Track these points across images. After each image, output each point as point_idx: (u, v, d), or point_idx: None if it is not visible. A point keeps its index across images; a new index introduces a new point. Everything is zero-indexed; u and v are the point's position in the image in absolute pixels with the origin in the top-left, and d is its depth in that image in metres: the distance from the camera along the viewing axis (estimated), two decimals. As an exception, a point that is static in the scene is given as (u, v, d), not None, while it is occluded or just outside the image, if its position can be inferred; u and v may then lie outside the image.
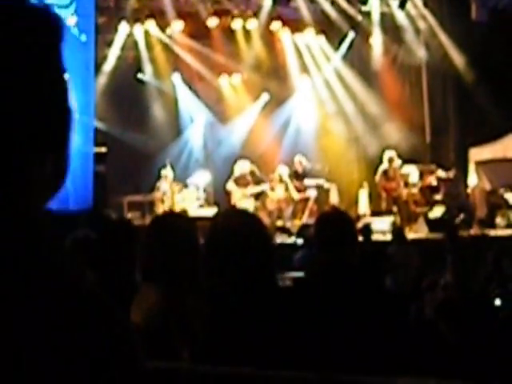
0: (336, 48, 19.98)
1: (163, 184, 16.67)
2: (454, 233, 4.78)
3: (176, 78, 19.77)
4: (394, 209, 16.65)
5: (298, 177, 17.16)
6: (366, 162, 19.33)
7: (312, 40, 19.87)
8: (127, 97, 18.52)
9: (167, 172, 16.83)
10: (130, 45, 18.51)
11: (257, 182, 16.84)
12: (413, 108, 19.69)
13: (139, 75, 19.14)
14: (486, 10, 18.11)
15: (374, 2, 19.12)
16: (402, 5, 19.05)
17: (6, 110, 1.13)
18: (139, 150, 18.12)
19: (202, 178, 17.39)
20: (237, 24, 18.91)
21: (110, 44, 18.03)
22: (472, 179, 17.57)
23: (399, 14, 19.48)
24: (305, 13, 18.99)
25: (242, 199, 16.01)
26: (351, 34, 19.69)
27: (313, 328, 3.34)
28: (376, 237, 13.68)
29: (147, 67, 19.10)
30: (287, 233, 15.42)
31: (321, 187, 17.50)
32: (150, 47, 18.88)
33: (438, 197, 17.10)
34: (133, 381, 1.17)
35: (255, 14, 18.81)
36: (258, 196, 16.77)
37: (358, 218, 16.07)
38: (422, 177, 17.35)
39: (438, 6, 19.37)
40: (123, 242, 3.93)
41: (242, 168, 16.68)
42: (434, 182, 17.31)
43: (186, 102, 19.98)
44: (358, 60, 20.27)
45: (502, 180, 16.95)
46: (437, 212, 16.42)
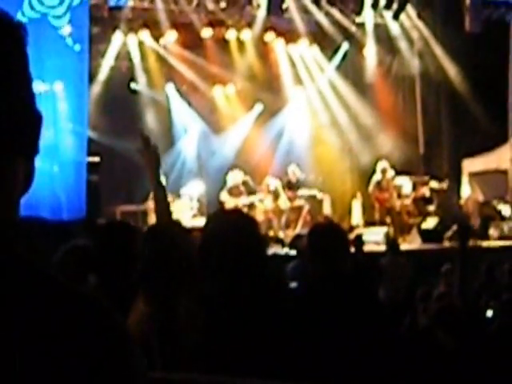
0: (330, 59, 19.99)
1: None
2: (466, 242, 4.77)
3: (169, 88, 19.76)
4: (388, 220, 16.65)
5: (292, 187, 17.16)
6: (359, 172, 19.33)
7: (306, 51, 19.89)
8: (121, 107, 18.48)
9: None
10: (123, 55, 18.49)
11: (250, 193, 16.84)
12: (406, 119, 19.74)
13: (133, 85, 19.11)
14: (479, 21, 18.17)
15: (367, 13, 19.16)
16: (396, 16, 19.11)
17: None
18: (132, 159, 18.06)
19: (195, 189, 17.36)
20: (231, 34, 18.91)
21: (103, 54, 18.00)
22: (465, 190, 17.61)
23: (393, 25, 19.54)
24: (299, 23, 19.01)
25: (235, 209, 15.99)
26: (345, 45, 19.72)
27: (305, 337, 3.33)
28: (369, 248, 13.68)
29: (141, 77, 19.07)
30: (280, 243, 15.41)
31: (314, 198, 17.49)
32: (143, 57, 18.86)
33: (431, 208, 17.12)
34: None
35: (249, 25, 18.81)
36: (251, 207, 16.76)
37: (351, 229, 16.07)
38: (415, 188, 17.36)
39: (431, 17, 19.43)
40: (124, 244, 3.90)
41: (235, 178, 16.68)
42: (427, 193, 17.32)
43: (180, 112, 19.95)
44: (351, 71, 20.31)
45: (495, 191, 17.00)
46: (430, 223, 16.43)
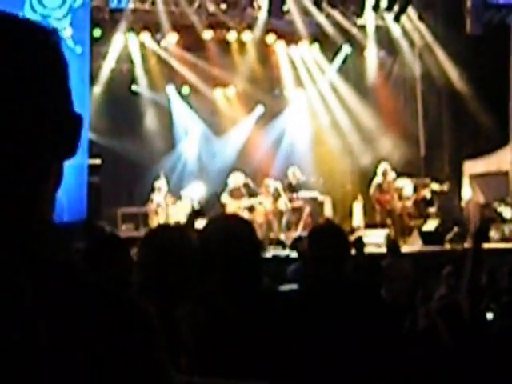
0: (331, 61, 20.00)
1: (157, 196, 16.64)
2: (480, 243, 4.74)
3: (170, 90, 19.77)
4: (388, 222, 16.63)
5: (292, 189, 17.14)
6: (360, 174, 19.32)
7: (306, 53, 19.90)
8: (122, 108, 18.50)
9: (161, 184, 16.81)
10: (124, 57, 18.50)
11: (251, 195, 16.83)
12: (407, 121, 19.73)
13: (134, 87, 19.13)
14: (480, 24, 18.16)
15: (368, 15, 19.16)
16: (397, 18, 19.12)
17: (19, 120, 1.15)
18: (133, 161, 18.11)
19: (196, 191, 17.35)
20: (231, 36, 18.91)
21: (104, 56, 18.01)
22: (466, 192, 17.59)
23: (394, 28, 19.54)
24: (300, 25, 19.01)
25: (236, 211, 15.97)
26: (346, 47, 19.72)
27: (306, 339, 3.32)
28: (370, 250, 13.67)
29: (142, 79, 19.08)
30: (281, 245, 15.41)
31: (315, 200, 17.47)
32: (144, 59, 18.87)
33: (432, 210, 17.11)
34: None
35: (250, 27, 18.82)
36: (251, 209, 16.75)
37: (352, 231, 16.07)
38: (416, 190, 17.34)
39: (432, 19, 19.42)
40: (111, 257, 3.89)
41: (236, 180, 16.66)
42: (428, 195, 17.31)
43: (181, 114, 19.96)
44: (352, 73, 20.30)
45: (495, 193, 16.98)
46: (431, 225, 16.42)
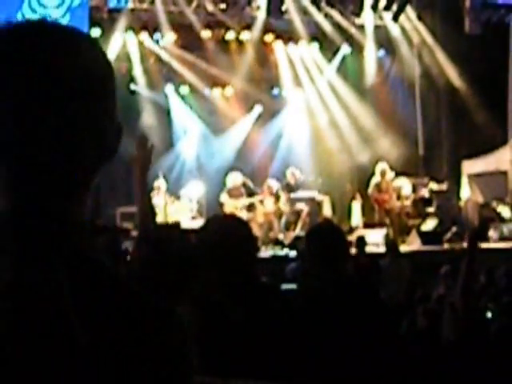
0: (329, 60, 19.99)
1: (156, 195, 16.61)
2: (475, 243, 4.73)
3: (169, 89, 19.76)
4: (387, 221, 16.62)
5: (291, 189, 17.11)
6: (358, 174, 19.30)
7: (305, 52, 19.88)
8: (120, 108, 18.26)
9: (160, 183, 16.79)
10: (123, 56, 18.48)
11: (249, 194, 16.81)
12: (406, 120, 19.71)
13: (132, 86, 19.11)
14: (479, 23, 18.16)
15: (367, 14, 19.16)
16: (396, 17, 19.10)
17: (71, 125, 1.27)
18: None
19: (194, 190, 17.33)
20: (230, 36, 18.91)
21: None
22: (465, 192, 17.58)
23: (393, 27, 19.54)
24: (298, 25, 19.01)
25: (235, 211, 15.95)
26: (345, 47, 19.71)
27: (305, 338, 3.31)
28: (369, 249, 13.66)
29: (140, 78, 19.07)
30: (280, 245, 15.40)
31: (313, 199, 17.45)
32: (143, 59, 18.86)
33: (431, 209, 17.08)
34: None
35: (249, 26, 18.82)
36: (250, 208, 16.73)
37: (350, 231, 16.05)
38: (414, 189, 17.34)
39: (431, 18, 19.43)
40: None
41: (235, 180, 16.64)
42: (427, 195, 17.30)
43: (179, 113, 19.95)
44: (351, 72, 20.29)
45: (494, 193, 16.97)
46: (429, 225, 16.41)
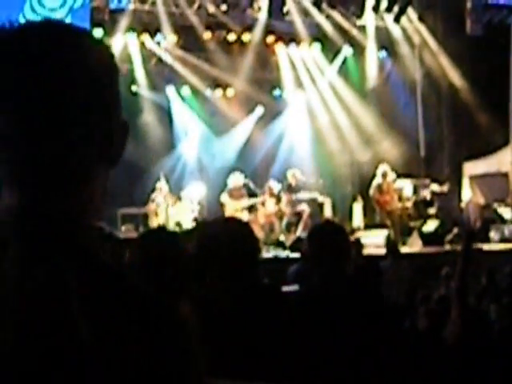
0: (331, 62, 19.99)
1: (158, 197, 16.61)
2: (470, 245, 4.73)
3: (170, 90, 19.76)
4: (388, 222, 16.60)
5: (292, 190, 17.09)
6: (360, 175, 19.31)
7: (306, 54, 19.88)
8: (121, 109, 18.47)
9: (162, 185, 16.78)
10: (124, 57, 18.48)
11: (251, 195, 16.79)
12: (407, 122, 19.70)
13: (133, 88, 19.11)
14: (480, 24, 18.16)
15: (368, 15, 19.16)
16: (397, 19, 19.11)
17: (73, 123, 1.29)
18: (133, 162, 18.07)
19: (196, 191, 17.31)
20: (231, 37, 18.91)
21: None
22: (466, 193, 17.59)
23: (394, 28, 19.54)
24: (299, 26, 19.02)
25: (236, 212, 15.95)
26: (346, 48, 19.71)
27: (306, 339, 3.31)
28: (370, 251, 13.65)
29: (142, 80, 19.08)
30: (281, 246, 15.39)
31: (315, 201, 17.43)
32: (144, 60, 18.87)
33: (432, 211, 17.08)
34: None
35: (250, 28, 18.82)
36: (251, 209, 16.72)
37: (352, 232, 16.03)
38: (416, 191, 17.34)
39: (433, 20, 19.43)
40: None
41: (236, 181, 16.62)
42: (428, 196, 17.30)
43: (181, 114, 19.95)
44: (352, 74, 20.29)
45: (495, 194, 16.98)
46: (431, 226, 16.40)
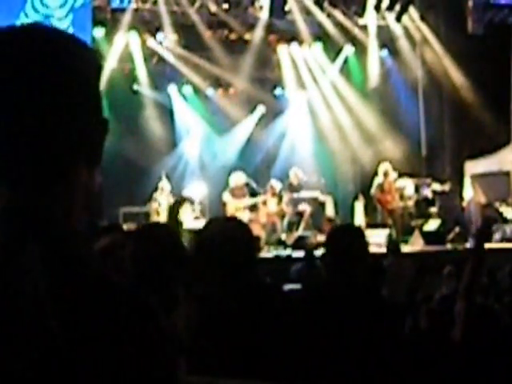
0: (332, 61, 19.98)
1: (160, 196, 16.62)
2: (482, 243, 4.73)
3: (172, 89, 19.76)
4: (390, 221, 16.60)
5: (294, 189, 17.09)
6: (361, 174, 19.32)
7: (308, 53, 19.87)
8: (123, 108, 18.49)
9: (164, 184, 16.79)
10: (126, 56, 18.50)
11: (252, 194, 16.79)
12: (409, 121, 19.68)
13: (135, 87, 19.13)
14: (482, 24, 18.14)
15: (370, 14, 19.16)
16: (399, 18, 19.10)
17: (46, 119, 1.29)
18: (135, 161, 18.09)
19: (197, 190, 17.32)
20: (233, 36, 18.92)
21: (106, 56, 18.00)
22: (467, 192, 17.56)
23: (396, 27, 19.53)
24: (301, 25, 19.01)
25: (237, 211, 15.95)
26: (348, 47, 19.70)
27: (307, 339, 3.31)
28: (372, 250, 13.63)
29: (143, 79, 19.09)
30: (282, 245, 15.39)
31: (316, 200, 17.43)
32: (146, 59, 18.87)
33: (434, 210, 17.07)
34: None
35: (251, 27, 18.83)
36: (253, 208, 16.71)
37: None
38: (417, 190, 17.33)
39: (434, 19, 19.42)
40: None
41: (238, 180, 16.61)
42: (430, 195, 17.29)
43: (182, 113, 19.96)
44: (354, 73, 20.28)
45: (497, 193, 16.95)
46: (432, 225, 16.39)
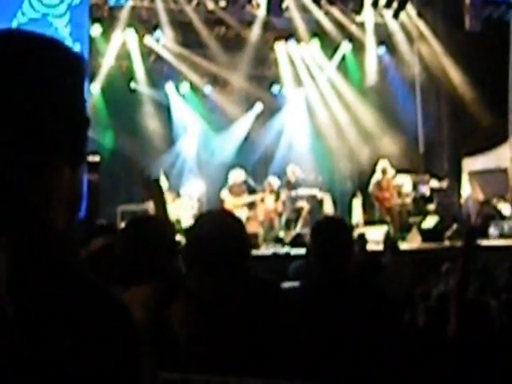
0: (330, 58, 19.99)
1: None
2: (471, 242, 4.74)
3: (169, 87, 19.76)
4: (388, 219, 16.61)
5: (292, 187, 17.09)
6: (359, 171, 19.33)
7: (306, 50, 19.88)
8: (121, 106, 18.50)
9: (161, 182, 16.77)
10: (123, 54, 18.50)
11: (250, 192, 16.79)
12: (406, 118, 19.69)
13: (132, 85, 19.12)
14: (479, 20, 18.14)
15: (367, 11, 19.15)
16: (396, 15, 19.10)
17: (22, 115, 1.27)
18: (132, 158, 18.09)
19: (195, 188, 17.32)
20: (231, 34, 18.92)
21: (103, 53, 18.01)
22: (465, 189, 17.58)
23: (393, 24, 19.53)
24: (298, 23, 19.01)
25: (235, 208, 15.95)
26: (345, 44, 19.70)
27: (304, 335, 3.32)
28: (369, 247, 13.64)
29: (141, 76, 19.08)
30: (280, 242, 15.39)
31: (314, 197, 17.43)
32: (143, 56, 18.87)
33: (432, 207, 17.08)
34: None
35: (249, 24, 18.82)
36: (251, 206, 16.72)
37: (351, 228, 16.03)
38: (415, 187, 17.34)
39: (431, 16, 19.43)
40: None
41: (237, 177, 16.62)
42: (428, 192, 17.30)
43: (180, 111, 19.96)
44: (351, 70, 20.29)
45: (495, 190, 16.96)
46: (430, 222, 16.39)
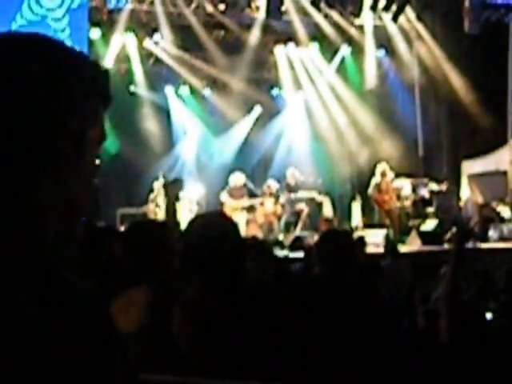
0: (329, 61, 20.00)
1: (157, 197, 16.60)
2: (462, 244, 4.74)
3: (169, 90, 19.77)
4: (387, 222, 16.61)
5: (291, 190, 17.10)
6: (358, 174, 19.32)
7: (305, 53, 19.88)
8: (120, 109, 18.48)
9: (160, 185, 16.78)
10: (122, 57, 18.50)
11: (250, 195, 16.80)
12: (405, 121, 19.68)
13: (132, 88, 19.13)
14: (478, 23, 18.14)
15: (367, 15, 19.16)
16: (395, 18, 19.09)
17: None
18: (132, 162, 18.09)
19: (194, 191, 17.33)
20: (230, 37, 18.92)
21: (102, 57, 18.00)
22: (464, 192, 17.57)
23: (392, 28, 19.53)
24: (298, 26, 19.01)
25: (235, 211, 15.96)
26: (344, 48, 19.72)
27: (302, 338, 3.32)
28: (369, 250, 13.63)
29: (140, 80, 19.09)
30: (279, 245, 15.37)
31: (313, 200, 17.43)
32: (142, 60, 18.87)
33: (431, 210, 17.07)
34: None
35: (248, 27, 18.82)
36: (250, 208, 16.72)
37: (351, 231, 16.03)
38: (414, 190, 17.33)
39: (431, 19, 19.43)
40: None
41: (237, 180, 16.63)
42: (427, 195, 17.30)
43: (179, 114, 19.97)
44: (350, 73, 20.29)
45: (494, 193, 16.95)
46: (429, 225, 16.39)
